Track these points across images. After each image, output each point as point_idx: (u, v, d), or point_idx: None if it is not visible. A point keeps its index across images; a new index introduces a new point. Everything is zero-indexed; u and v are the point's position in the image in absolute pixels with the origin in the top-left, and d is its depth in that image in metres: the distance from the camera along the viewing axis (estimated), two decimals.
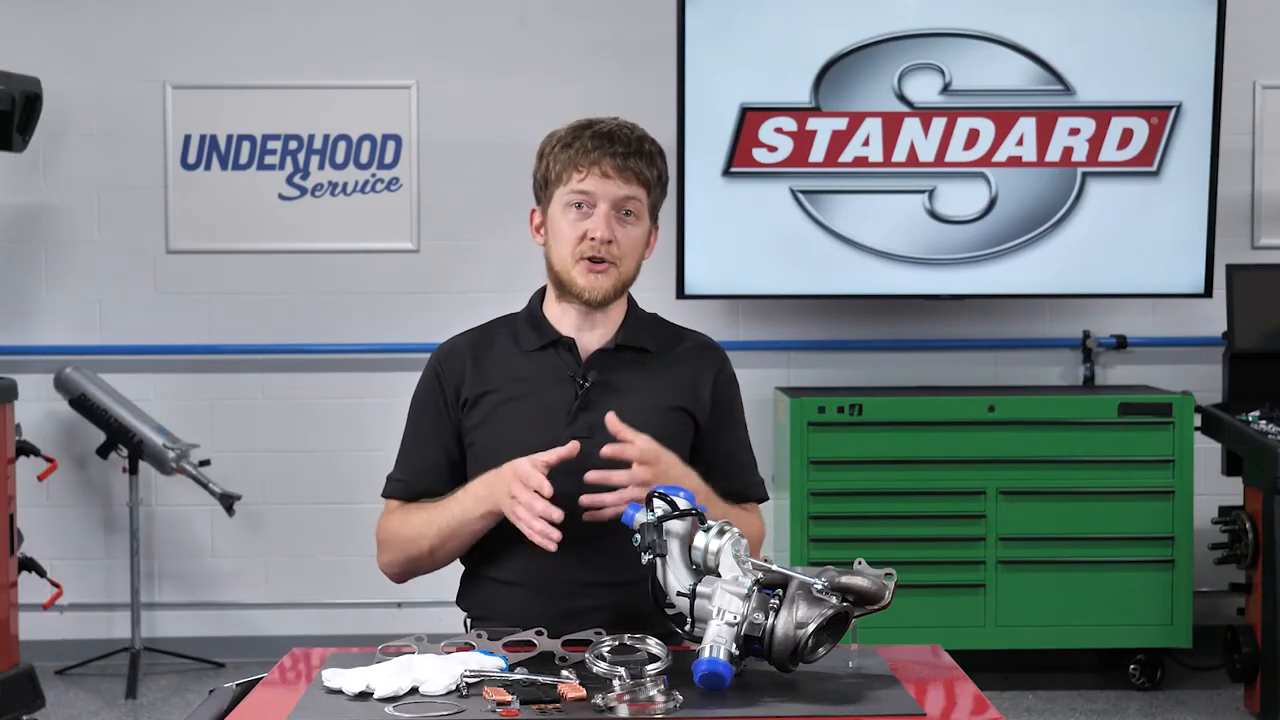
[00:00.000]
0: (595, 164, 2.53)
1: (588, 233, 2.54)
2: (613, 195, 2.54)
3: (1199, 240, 5.28)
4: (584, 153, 2.54)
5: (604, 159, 2.53)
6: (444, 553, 2.57)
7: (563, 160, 2.56)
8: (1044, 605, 5.00)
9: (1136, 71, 5.27)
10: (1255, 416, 4.88)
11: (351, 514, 5.44)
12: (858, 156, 5.25)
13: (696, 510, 2.24)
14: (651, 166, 2.58)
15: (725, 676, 2.09)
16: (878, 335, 5.61)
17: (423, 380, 2.68)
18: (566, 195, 2.56)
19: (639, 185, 2.56)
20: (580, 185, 2.54)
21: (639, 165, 2.55)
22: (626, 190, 2.55)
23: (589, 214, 2.55)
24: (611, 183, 2.54)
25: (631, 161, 2.54)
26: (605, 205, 2.54)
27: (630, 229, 2.57)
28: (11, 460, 4.79)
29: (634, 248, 2.58)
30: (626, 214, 2.56)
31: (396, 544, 2.60)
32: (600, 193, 2.54)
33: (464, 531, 2.52)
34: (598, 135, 2.55)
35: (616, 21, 5.52)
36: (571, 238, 2.55)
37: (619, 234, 2.55)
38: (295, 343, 5.55)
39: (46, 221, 5.53)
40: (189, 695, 5.10)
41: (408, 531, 2.58)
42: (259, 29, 5.53)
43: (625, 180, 2.54)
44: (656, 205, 2.63)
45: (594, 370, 2.59)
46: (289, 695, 2.15)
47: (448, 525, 2.52)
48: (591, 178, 2.54)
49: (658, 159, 2.60)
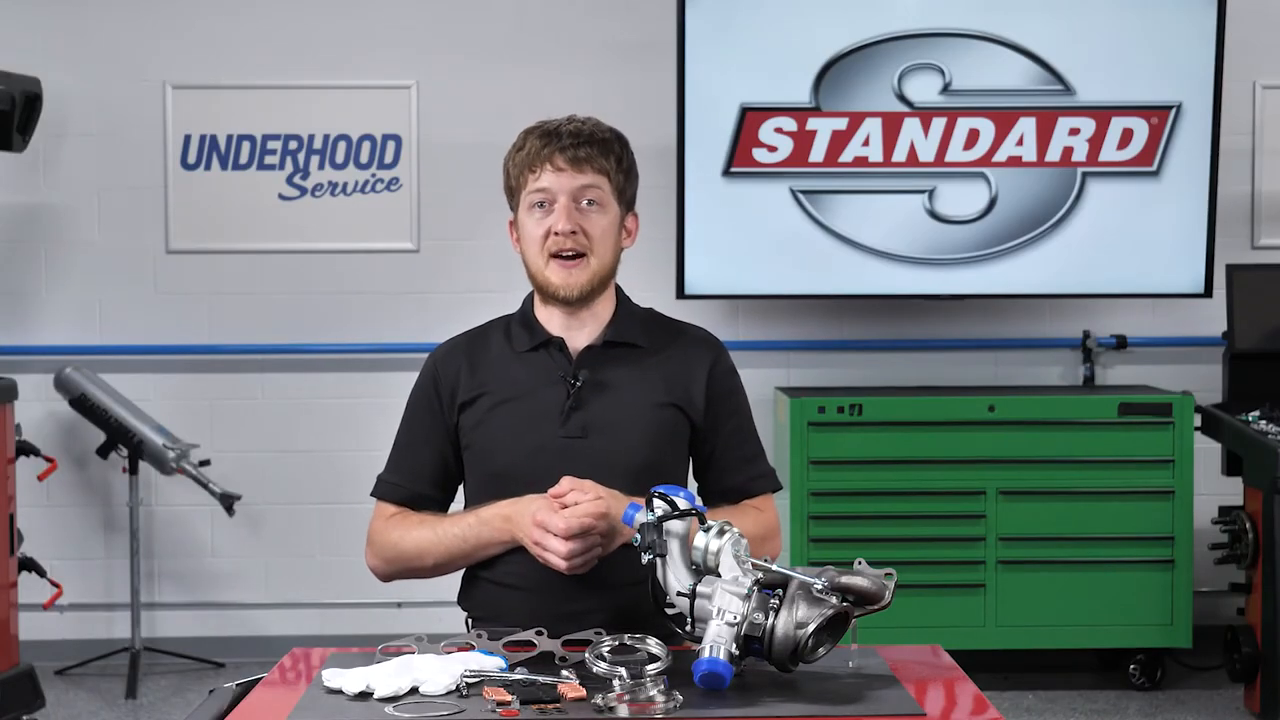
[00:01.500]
0: (547, 160, 2.56)
1: (551, 228, 2.56)
2: (569, 187, 2.56)
3: (1199, 240, 5.28)
4: (534, 153, 2.57)
5: (554, 154, 2.55)
6: (450, 569, 2.61)
7: (519, 163, 2.59)
8: (1044, 605, 5.00)
9: (1136, 71, 5.27)
10: (1255, 416, 4.88)
11: (351, 514, 5.41)
12: (858, 156, 5.25)
13: (696, 510, 2.24)
14: (606, 153, 2.59)
15: (725, 676, 2.09)
16: (878, 335, 5.61)
17: (419, 382, 2.68)
18: (528, 197, 2.59)
19: (595, 173, 2.57)
20: (537, 184, 2.57)
21: (589, 153, 2.56)
22: (582, 180, 2.56)
23: (551, 210, 2.57)
24: (565, 175, 2.56)
25: (582, 150, 2.56)
26: (564, 198, 2.56)
27: (596, 217, 2.58)
28: (11, 460, 4.79)
29: (604, 236, 2.59)
30: (589, 203, 2.57)
31: (395, 555, 2.61)
32: (556, 187, 2.56)
33: (478, 555, 2.56)
34: (545, 133, 2.58)
35: (616, 21, 5.52)
36: (538, 237, 2.58)
37: (584, 224, 2.56)
38: (295, 343, 5.55)
39: (46, 221, 5.53)
40: (189, 695, 5.10)
41: (408, 546, 2.59)
42: (259, 29, 5.53)
43: (579, 170, 2.56)
44: (625, 191, 2.63)
45: (585, 369, 2.59)
46: (289, 695, 2.15)
47: (459, 548, 2.55)
48: (545, 174, 2.56)
49: (614, 144, 2.61)
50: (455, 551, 2.55)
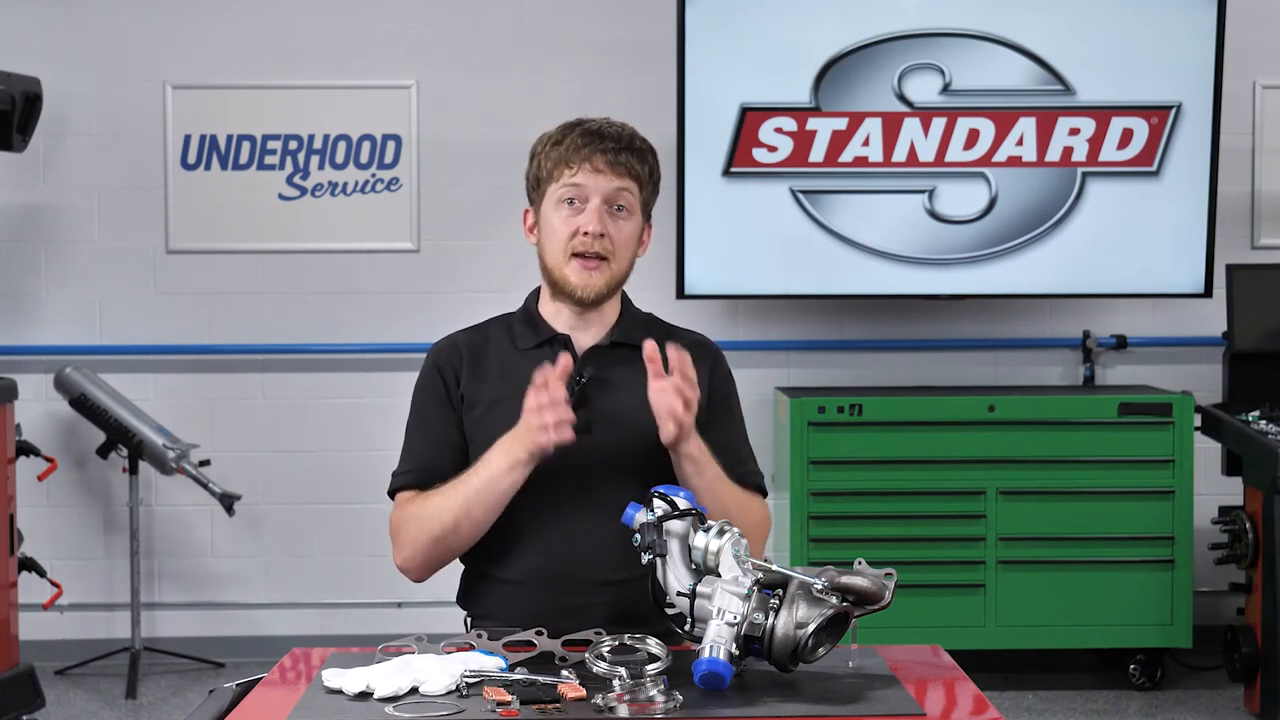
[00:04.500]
0: (586, 159, 2.55)
1: (580, 228, 2.55)
2: (604, 189, 2.56)
3: (1199, 240, 5.28)
4: (575, 149, 2.56)
5: (595, 154, 2.55)
6: (470, 524, 2.50)
7: (554, 157, 2.57)
8: (1044, 605, 5.00)
9: (1136, 71, 5.27)
10: (1255, 416, 4.88)
11: (352, 514, 5.44)
12: (858, 156, 5.25)
13: (696, 510, 2.24)
14: (643, 162, 2.59)
15: (725, 676, 2.09)
16: (878, 335, 5.61)
17: (423, 374, 2.67)
18: (559, 191, 2.57)
19: (630, 179, 2.57)
20: (572, 180, 2.56)
21: (630, 160, 2.57)
22: (618, 184, 2.56)
23: (581, 209, 2.56)
24: (603, 177, 2.55)
25: (623, 156, 2.56)
26: (597, 199, 2.55)
27: (623, 224, 2.58)
28: (11, 460, 4.79)
29: (627, 243, 2.59)
30: (619, 208, 2.57)
31: (417, 528, 2.53)
32: (592, 187, 2.55)
33: (491, 493, 2.47)
34: (588, 132, 2.57)
35: (616, 21, 5.52)
36: (564, 234, 2.56)
37: (611, 229, 2.56)
38: (295, 343, 5.55)
39: (46, 221, 5.53)
40: (189, 695, 5.09)
41: (429, 510, 2.52)
42: (259, 29, 5.53)
43: (617, 174, 2.56)
44: (649, 202, 2.64)
45: (589, 367, 2.59)
46: (289, 695, 2.15)
47: (474, 491, 2.48)
48: (583, 173, 2.55)
49: (648, 155, 2.62)
50: (473, 496, 2.47)
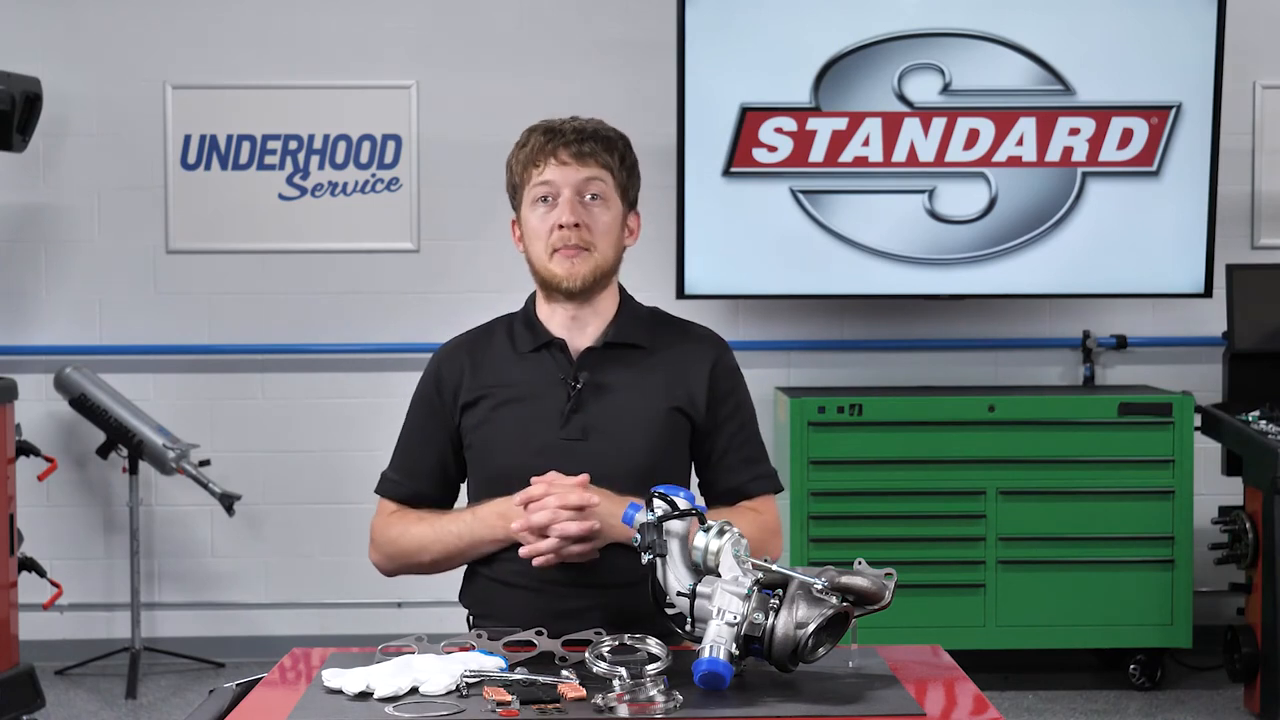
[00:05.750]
0: (551, 155, 2.58)
1: (555, 222, 2.58)
2: (573, 181, 2.58)
3: (1199, 240, 5.28)
4: (538, 148, 2.60)
5: (558, 148, 2.58)
6: (448, 566, 2.63)
7: (522, 160, 2.62)
8: (1044, 605, 4.99)
9: (1136, 71, 5.27)
10: (1255, 416, 4.88)
11: (351, 514, 5.43)
12: (858, 156, 5.25)
13: (696, 510, 2.24)
14: (610, 149, 2.62)
15: (725, 676, 2.09)
16: (878, 335, 5.61)
17: (422, 381, 2.70)
18: (532, 192, 2.61)
19: (599, 168, 2.60)
20: (541, 179, 2.59)
21: (594, 148, 2.59)
22: (586, 173, 2.59)
23: (555, 205, 2.59)
24: (569, 169, 2.58)
25: (586, 146, 2.59)
26: (568, 191, 2.58)
27: (599, 213, 2.60)
28: (11, 460, 4.79)
29: (606, 231, 2.61)
30: (593, 198, 2.60)
31: (395, 551, 2.64)
32: (560, 180, 2.58)
33: (475, 552, 2.59)
34: (549, 129, 2.62)
35: (616, 21, 5.52)
36: (543, 231, 2.60)
37: (587, 219, 2.58)
38: (295, 343, 5.55)
39: (46, 221, 5.53)
40: (189, 695, 5.10)
41: (408, 543, 2.62)
42: (259, 29, 5.53)
43: (583, 164, 2.58)
44: (628, 189, 2.66)
45: (585, 371, 2.60)
46: (289, 695, 2.15)
47: (456, 546, 2.58)
48: (549, 168, 2.58)
49: (616, 142, 2.64)
50: (453, 548, 2.58)
